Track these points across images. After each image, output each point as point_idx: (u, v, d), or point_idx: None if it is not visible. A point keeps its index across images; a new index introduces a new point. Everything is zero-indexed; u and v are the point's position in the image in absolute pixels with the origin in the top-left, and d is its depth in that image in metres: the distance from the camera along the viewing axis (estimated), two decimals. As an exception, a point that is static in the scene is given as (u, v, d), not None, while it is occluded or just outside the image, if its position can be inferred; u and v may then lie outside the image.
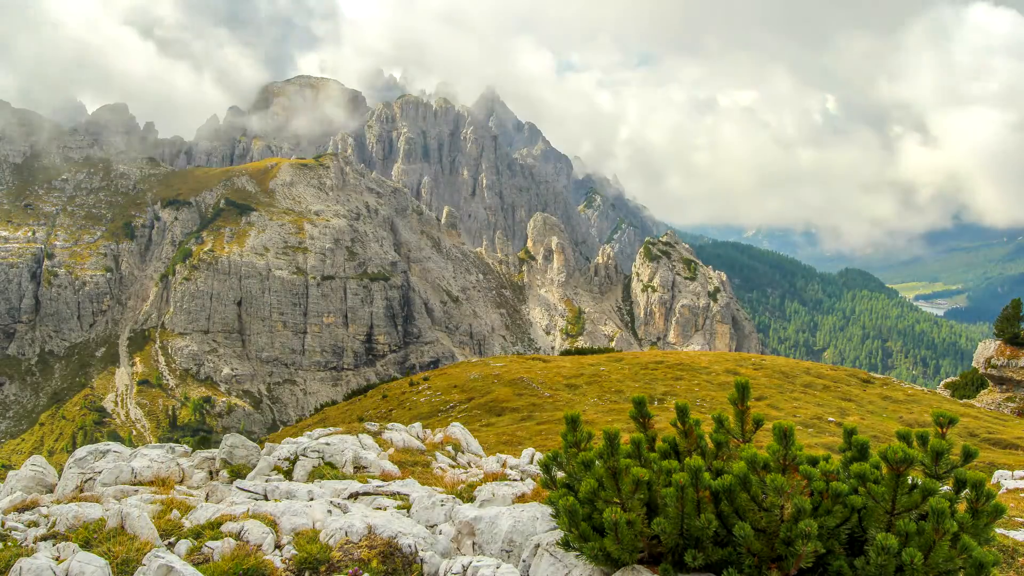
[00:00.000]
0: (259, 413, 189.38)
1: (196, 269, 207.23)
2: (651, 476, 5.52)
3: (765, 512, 5.12)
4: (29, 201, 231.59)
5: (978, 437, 32.12)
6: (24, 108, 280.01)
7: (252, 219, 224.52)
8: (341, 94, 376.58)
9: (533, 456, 15.50)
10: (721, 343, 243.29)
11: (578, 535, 5.76)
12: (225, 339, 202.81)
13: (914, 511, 5.17)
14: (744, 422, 6.24)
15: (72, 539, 7.90)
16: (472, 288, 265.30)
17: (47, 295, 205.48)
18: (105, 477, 10.88)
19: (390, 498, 10.00)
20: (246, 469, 11.80)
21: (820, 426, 34.58)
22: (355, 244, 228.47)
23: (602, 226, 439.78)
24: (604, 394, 43.79)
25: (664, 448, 6.10)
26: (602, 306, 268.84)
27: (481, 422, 39.24)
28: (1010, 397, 47.60)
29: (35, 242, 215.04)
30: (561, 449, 6.40)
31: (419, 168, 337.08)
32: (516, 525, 7.39)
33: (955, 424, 5.69)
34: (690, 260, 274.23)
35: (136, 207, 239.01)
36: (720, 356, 58.90)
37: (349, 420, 40.82)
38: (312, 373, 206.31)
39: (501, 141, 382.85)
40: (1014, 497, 14.56)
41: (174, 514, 8.99)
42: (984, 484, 5.20)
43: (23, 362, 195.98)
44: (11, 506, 9.75)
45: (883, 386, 48.20)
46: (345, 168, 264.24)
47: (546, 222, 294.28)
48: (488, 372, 52.38)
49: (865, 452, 5.76)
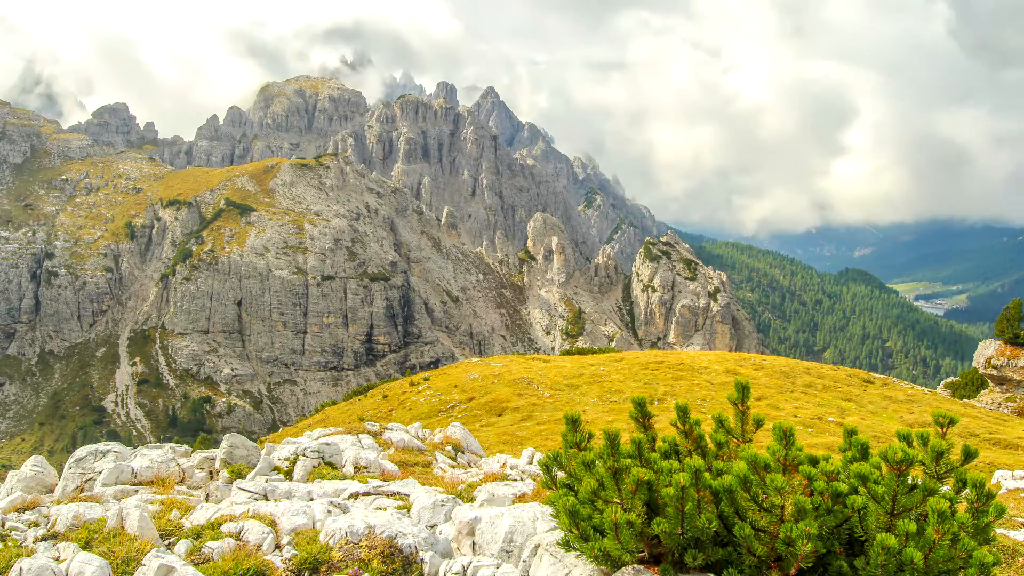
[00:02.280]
0: (259, 413, 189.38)
1: (196, 269, 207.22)
2: (652, 476, 5.52)
3: (765, 512, 5.12)
4: (29, 201, 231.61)
5: (978, 437, 32.12)
6: (24, 108, 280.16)
7: (252, 219, 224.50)
8: (341, 94, 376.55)
9: (533, 456, 15.50)
10: (721, 343, 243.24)
11: (578, 535, 5.76)
12: (225, 339, 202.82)
13: (914, 511, 5.17)
14: (744, 422, 6.24)
15: (72, 539, 7.90)
16: (472, 288, 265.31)
17: (47, 295, 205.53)
18: (105, 477, 10.88)
19: (390, 498, 10.00)
20: (246, 469, 11.80)
21: (820, 426, 34.59)
22: (355, 244, 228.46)
23: (602, 226, 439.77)
24: (604, 394, 43.80)
25: (665, 448, 6.10)
26: (602, 306, 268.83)
27: (481, 422, 39.24)
28: (1010, 397, 47.60)
29: (35, 242, 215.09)
30: (561, 449, 6.39)
31: (419, 168, 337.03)
32: (516, 525, 7.39)
33: (955, 424, 5.69)
34: (690, 260, 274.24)
35: (136, 207, 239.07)
36: (720, 356, 58.88)
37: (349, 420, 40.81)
38: (312, 373, 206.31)
39: (501, 141, 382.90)
40: (1014, 497, 14.56)
41: (174, 514, 8.99)
42: (985, 484, 5.20)
43: (23, 362, 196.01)
44: (11, 506, 9.74)
45: (883, 386, 48.20)
46: (345, 168, 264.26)
47: (546, 222, 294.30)
48: (488, 372, 52.39)
49: (866, 452, 5.76)
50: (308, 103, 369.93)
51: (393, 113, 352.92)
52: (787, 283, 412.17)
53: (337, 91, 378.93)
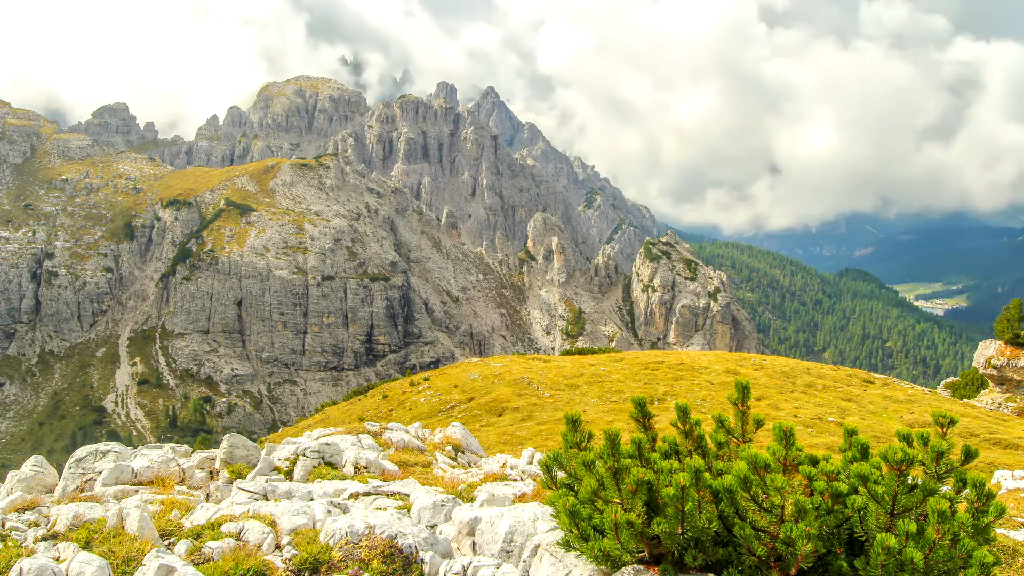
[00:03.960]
0: (259, 413, 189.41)
1: (196, 269, 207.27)
2: (652, 476, 5.52)
3: (766, 512, 5.12)
4: (29, 201, 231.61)
5: (979, 437, 32.12)
6: (24, 108, 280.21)
7: (252, 219, 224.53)
8: (341, 94, 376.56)
9: (533, 456, 15.49)
10: (721, 343, 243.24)
11: (578, 535, 5.76)
12: (225, 339, 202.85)
13: (914, 511, 5.17)
14: (745, 422, 6.24)
15: (72, 539, 7.90)
16: (472, 288, 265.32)
17: (47, 295, 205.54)
18: (105, 477, 10.88)
19: (390, 498, 10.00)
20: (246, 469, 11.80)
21: (821, 426, 34.59)
22: (355, 244, 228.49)
23: (602, 226, 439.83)
24: (605, 394, 43.80)
25: (665, 448, 6.10)
26: (602, 306, 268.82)
27: (481, 422, 39.24)
28: (1010, 397, 47.60)
29: (35, 242, 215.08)
30: (562, 449, 6.39)
31: (419, 168, 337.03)
32: (516, 525, 7.39)
33: (955, 424, 5.69)
34: (690, 260, 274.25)
35: (136, 207, 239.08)
36: (720, 356, 58.88)
37: (349, 420, 40.82)
38: (312, 373, 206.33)
39: (501, 141, 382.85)
40: (1014, 497, 14.56)
41: (174, 514, 9.00)
42: (985, 484, 5.20)
43: (23, 362, 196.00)
44: (11, 506, 9.74)
45: (884, 386, 48.20)
46: (345, 168, 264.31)
47: (546, 222, 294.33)
48: (488, 372, 52.38)
49: (866, 452, 5.76)
50: (308, 103, 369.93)
51: (393, 113, 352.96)
52: (787, 283, 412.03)
53: (337, 91, 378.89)
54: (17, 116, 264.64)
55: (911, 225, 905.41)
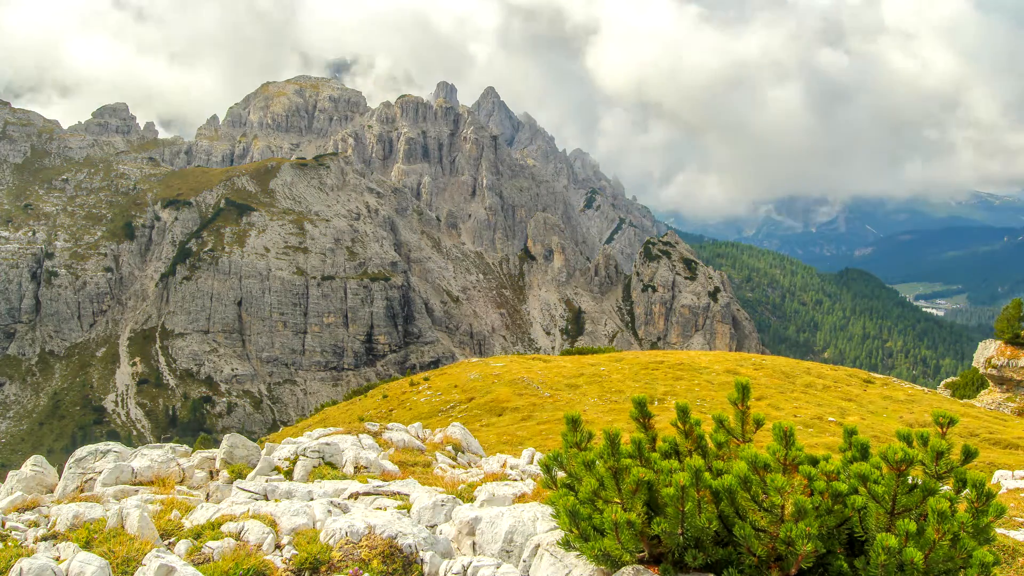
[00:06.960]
0: (259, 413, 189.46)
1: (196, 269, 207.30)
2: (652, 476, 5.52)
3: (766, 512, 5.12)
4: (29, 201, 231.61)
5: (979, 437, 32.12)
6: (24, 108, 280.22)
7: (252, 219, 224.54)
8: (341, 94, 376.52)
9: (533, 456, 15.50)
10: (721, 343, 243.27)
11: (578, 535, 5.76)
12: (225, 339, 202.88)
13: (914, 511, 5.17)
14: (745, 422, 6.24)
15: (72, 539, 7.90)
16: (472, 288, 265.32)
17: (47, 295, 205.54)
18: (105, 477, 10.88)
19: (390, 498, 10.00)
20: (246, 469, 11.80)
21: (820, 426, 34.58)
22: (355, 244, 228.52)
23: (602, 226, 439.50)
24: (605, 394, 43.79)
25: (665, 448, 6.10)
26: (602, 306, 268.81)
27: (481, 422, 39.23)
28: (1010, 397, 47.59)
29: (35, 242, 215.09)
30: (562, 449, 6.39)
31: (419, 168, 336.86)
32: (516, 525, 7.39)
33: (955, 424, 5.68)
34: (690, 260, 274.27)
35: (136, 207, 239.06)
36: (720, 356, 58.86)
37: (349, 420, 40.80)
38: (312, 373, 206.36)
39: (501, 141, 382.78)
40: (1014, 497, 14.56)
41: (174, 514, 9.00)
42: (985, 484, 5.20)
43: (23, 362, 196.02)
44: (11, 506, 9.74)
45: (884, 386, 48.19)
46: (345, 168, 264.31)
47: (546, 222, 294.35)
48: (488, 372, 52.36)
49: (866, 452, 5.76)
50: (308, 103, 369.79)
51: (393, 113, 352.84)
52: (787, 283, 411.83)
53: (337, 91, 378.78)
54: (17, 116, 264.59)
55: (911, 225, 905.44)
